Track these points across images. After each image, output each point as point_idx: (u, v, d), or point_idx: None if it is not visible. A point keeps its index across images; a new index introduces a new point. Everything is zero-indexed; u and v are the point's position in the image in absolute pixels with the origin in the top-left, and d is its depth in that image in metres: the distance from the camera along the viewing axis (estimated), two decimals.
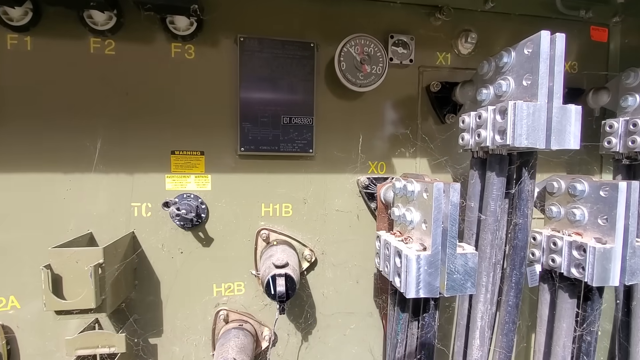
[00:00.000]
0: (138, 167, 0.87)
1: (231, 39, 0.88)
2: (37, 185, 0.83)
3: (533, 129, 0.63)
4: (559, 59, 0.63)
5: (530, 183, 0.72)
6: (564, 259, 0.74)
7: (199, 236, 0.91)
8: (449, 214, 0.63)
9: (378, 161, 0.98)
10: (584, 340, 0.79)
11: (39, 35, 0.81)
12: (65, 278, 0.71)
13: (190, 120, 0.88)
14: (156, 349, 0.92)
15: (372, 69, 0.89)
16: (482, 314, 0.74)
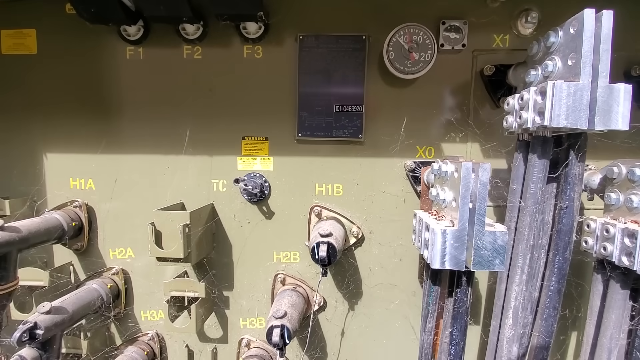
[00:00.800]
0: (216, 150, 1.06)
1: (292, 37, 1.00)
2: (144, 164, 1.07)
3: (574, 109, 0.62)
4: (605, 37, 0.61)
5: (578, 166, 0.70)
6: (616, 247, 0.71)
7: (263, 210, 1.08)
8: (478, 193, 0.66)
9: (427, 146, 1.02)
10: (638, 336, 0.74)
11: (148, 46, 1.04)
12: (164, 234, 0.93)
13: (258, 111, 1.04)
14: (228, 300, 1.12)
15: (421, 56, 0.93)
16: (516, 294, 0.75)
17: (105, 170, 1.09)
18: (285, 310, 0.89)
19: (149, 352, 1.13)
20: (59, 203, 1.10)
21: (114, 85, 1.06)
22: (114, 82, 1.06)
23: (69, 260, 1.14)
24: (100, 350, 1.12)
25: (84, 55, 1.06)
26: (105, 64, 1.06)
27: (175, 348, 1.15)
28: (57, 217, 1.05)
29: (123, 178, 1.09)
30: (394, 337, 1.10)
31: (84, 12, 0.91)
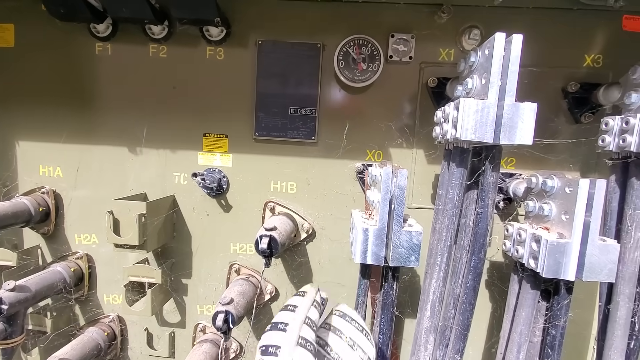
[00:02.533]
0: (178, 145, 1.12)
1: (252, 42, 1.06)
2: (110, 155, 1.13)
3: (481, 124, 0.68)
4: (514, 59, 0.67)
5: (492, 175, 0.76)
6: (526, 250, 0.77)
7: (221, 203, 1.14)
8: (397, 195, 0.73)
9: (375, 150, 1.08)
10: (549, 333, 0.81)
11: (117, 43, 1.09)
12: (122, 222, 0.98)
13: (218, 109, 1.10)
14: (187, 287, 1.18)
15: (369, 67, 0.99)
16: (434, 289, 0.81)
17: (73, 159, 1.14)
18: (231, 297, 0.95)
19: (109, 333, 1.19)
20: (28, 189, 1.16)
21: (83, 79, 1.12)
22: (83, 76, 1.12)
23: (37, 243, 1.20)
24: (64, 329, 1.18)
25: (57, 49, 1.11)
26: (76, 58, 1.11)
27: (135, 331, 1.22)
28: (25, 202, 1.10)
29: (90, 167, 1.14)
30: None
31: (53, 10, 0.97)
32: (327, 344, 0.65)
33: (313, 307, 0.65)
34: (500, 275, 1.08)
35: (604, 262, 0.71)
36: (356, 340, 0.66)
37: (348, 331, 0.66)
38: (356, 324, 0.68)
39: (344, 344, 0.65)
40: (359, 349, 0.64)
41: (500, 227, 1.05)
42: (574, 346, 1.13)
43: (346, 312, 0.70)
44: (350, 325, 0.67)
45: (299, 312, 0.62)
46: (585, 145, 1.02)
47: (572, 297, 0.78)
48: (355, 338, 0.66)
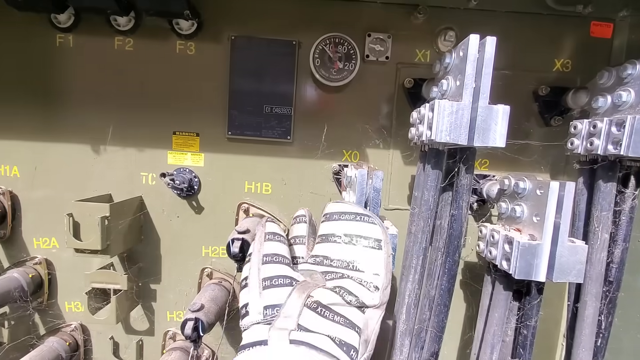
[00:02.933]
0: (146, 143, 1.06)
1: (225, 37, 1.02)
2: (72, 154, 1.06)
3: (455, 126, 0.68)
4: (487, 62, 0.67)
5: (465, 177, 0.76)
6: (499, 252, 0.78)
7: (192, 205, 1.09)
8: (372, 198, 0.71)
9: (352, 150, 1.07)
10: (521, 333, 0.82)
11: (79, 34, 1.02)
12: (82, 225, 0.92)
13: (189, 106, 1.05)
14: (155, 293, 1.13)
15: (345, 66, 0.98)
16: (409, 292, 0.81)
17: (31, 158, 1.06)
18: (202, 304, 0.91)
19: (71, 343, 1.12)
20: None
21: (43, 73, 1.04)
22: (43, 70, 1.04)
23: None
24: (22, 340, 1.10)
25: (15, 41, 1.02)
26: (36, 50, 1.03)
27: (100, 340, 1.15)
28: None
29: (49, 167, 1.07)
30: None
31: (11, 0, 0.89)
32: (325, 257, 0.56)
33: (267, 241, 0.58)
34: (473, 275, 1.09)
35: (573, 262, 0.72)
36: (353, 233, 0.56)
37: (341, 229, 0.57)
38: (347, 216, 0.58)
39: (341, 245, 0.56)
40: (359, 240, 0.56)
41: (475, 228, 1.06)
42: (544, 343, 1.16)
43: (332, 210, 0.60)
44: (341, 221, 0.58)
45: (253, 258, 0.56)
46: (554, 148, 1.05)
47: (542, 297, 0.80)
48: (351, 230, 0.57)
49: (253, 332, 0.47)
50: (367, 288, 0.53)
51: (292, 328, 0.45)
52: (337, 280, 0.54)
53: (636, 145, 0.72)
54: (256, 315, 0.49)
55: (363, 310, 0.50)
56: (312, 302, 0.49)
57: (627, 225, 0.82)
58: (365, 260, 0.55)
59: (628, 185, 0.80)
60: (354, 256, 0.56)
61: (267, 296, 0.50)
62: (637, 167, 0.80)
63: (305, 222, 0.64)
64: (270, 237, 0.59)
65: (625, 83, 0.80)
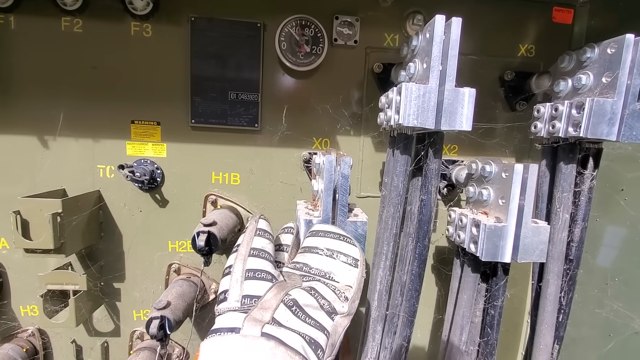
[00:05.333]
0: (102, 134, 0.99)
1: (184, 18, 0.96)
2: (18, 146, 0.97)
3: (423, 110, 0.67)
4: (453, 43, 0.66)
5: (434, 162, 0.76)
6: (467, 235, 0.79)
7: (156, 198, 1.03)
8: (340, 185, 0.69)
9: (322, 137, 1.05)
10: (488, 313, 0.84)
11: (21, 14, 0.93)
12: (32, 223, 0.85)
13: (148, 93, 0.98)
14: (120, 292, 1.07)
15: (312, 49, 0.94)
16: (381, 278, 0.80)
17: None
18: (168, 301, 0.87)
19: (28, 349, 1.05)
20: None
21: None
22: None
23: None
24: None
25: None
26: None
27: (60, 344, 1.08)
28: None
29: None
30: None
31: None
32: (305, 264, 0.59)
33: (257, 236, 0.59)
34: (443, 259, 1.11)
35: (536, 243, 0.74)
36: (334, 248, 0.60)
37: (323, 244, 0.61)
38: (331, 235, 0.62)
39: (322, 257, 0.60)
40: (339, 255, 0.59)
41: (445, 213, 1.07)
42: (511, 321, 1.20)
43: (318, 229, 0.64)
44: (325, 238, 0.62)
45: (240, 249, 0.56)
46: (520, 132, 1.07)
47: (509, 277, 0.82)
48: (333, 246, 0.61)
49: (227, 318, 0.47)
50: (338, 297, 0.55)
51: (266, 321, 0.46)
52: (313, 282, 0.56)
53: (594, 127, 0.74)
54: (234, 302, 0.49)
55: (332, 317, 0.51)
56: (289, 300, 0.50)
57: (585, 205, 0.85)
58: (342, 273, 0.58)
59: (587, 166, 0.83)
60: (332, 268, 0.59)
61: (248, 286, 0.51)
62: (595, 148, 0.82)
63: (292, 233, 0.67)
64: (260, 234, 0.60)
65: (584, 67, 0.82)
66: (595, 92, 0.79)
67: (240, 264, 0.53)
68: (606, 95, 0.76)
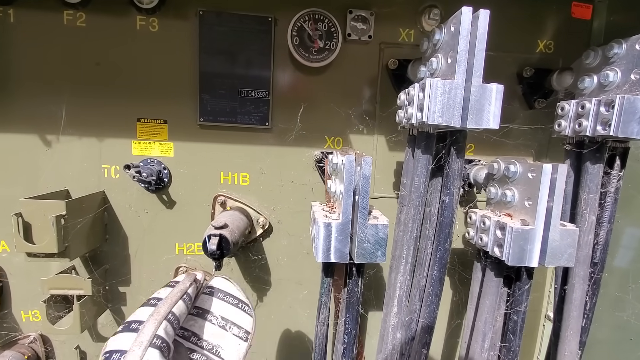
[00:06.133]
0: (107, 133, 0.95)
1: (192, 12, 0.92)
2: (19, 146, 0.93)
3: (448, 107, 0.64)
4: (481, 37, 0.63)
5: (457, 162, 0.73)
6: (490, 238, 0.76)
7: (163, 199, 1.00)
8: (361, 186, 0.66)
9: (335, 136, 1.01)
10: (511, 319, 0.81)
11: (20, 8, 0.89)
12: (34, 226, 0.82)
13: (155, 90, 0.95)
14: (125, 296, 1.03)
15: (326, 45, 0.91)
16: (400, 283, 0.77)
17: None
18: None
19: (30, 355, 1.01)
20: None
21: None
22: None
23: None
24: None
25: None
26: None
27: (64, 351, 1.05)
28: None
29: None
30: (303, 326, 1.10)
31: None
32: (194, 334, 0.56)
33: (182, 301, 0.54)
34: (461, 261, 1.08)
35: (565, 246, 0.70)
36: (229, 318, 0.59)
37: (219, 310, 0.59)
38: (229, 298, 0.61)
39: (215, 327, 0.58)
40: (232, 327, 0.58)
41: (461, 214, 1.04)
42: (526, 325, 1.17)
43: (217, 286, 0.62)
44: (223, 302, 0.60)
45: (161, 306, 0.50)
46: (538, 131, 1.04)
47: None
48: (228, 315, 0.59)
49: None
50: None
51: None
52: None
53: (625, 125, 0.71)
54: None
55: None
56: None
57: (612, 206, 0.81)
58: (230, 348, 0.58)
59: (613, 166, 0.80)
60: (221, 342, 0.58)
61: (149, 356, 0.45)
62: (622, 148, 0.79)
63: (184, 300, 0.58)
64: (185, 300, 0.55)
65: (611, 63, 0.79)
66: (624, 89, 0.76)
67: (153, 327, 0.47)
68: (636, 93, 0.73)
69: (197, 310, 0.59)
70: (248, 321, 0.59)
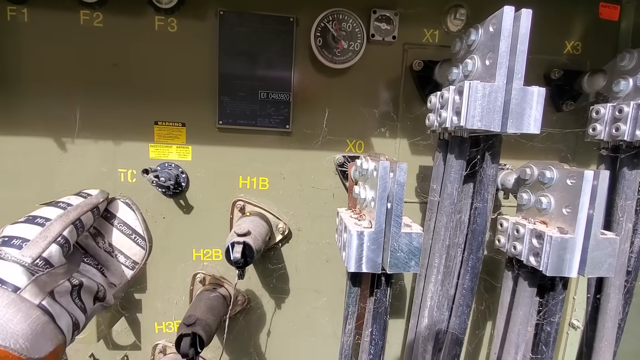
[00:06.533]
0: (123, 136, 0.93)
1: (212, 12, 0.89)
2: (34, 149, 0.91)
3: (488, 110, 0.61)
4: (523, 38, 0.60)
5: (492, 167, 0.70)
6: (525, 247, 0.73)
7: (180, 204, 0.97)
8: (395, 193, 0.63)
9: (356, 140, 0.98)
10: (543, 330, 0.78)
11: (35, 7, 0.87)
12: None
13: (172, 92, 0.92)
14: (141, 303, 1.01)
15: (350, 45, 0.88)
16: (432, 294, 0.75)
17: None
18: (197, 317, 0.81)
19: None
20: None
21: None
22: None
23: None
24: None
25: None
26: None
27: (77, 358, 1.02)
28: None
29: (6, 165, 0.91)
30: (321, 334, 1.07)
31: None
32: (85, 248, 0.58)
33: (91, 212, 0.55)
34: (487, 269, 1.05)
35: (604, 256, 0.67)
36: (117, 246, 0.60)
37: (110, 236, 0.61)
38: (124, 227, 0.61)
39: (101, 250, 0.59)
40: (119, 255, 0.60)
41: None
42: None
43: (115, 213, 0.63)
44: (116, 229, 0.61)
45: (72, 211, 0.51)
46: (565, 134, 1.01)
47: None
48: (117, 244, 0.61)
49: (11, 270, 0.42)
50: None
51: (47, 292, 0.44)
52: None
53: None
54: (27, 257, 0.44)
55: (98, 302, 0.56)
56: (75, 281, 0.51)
57: None
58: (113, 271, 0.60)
59: None
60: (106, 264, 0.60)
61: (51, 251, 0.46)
62: None
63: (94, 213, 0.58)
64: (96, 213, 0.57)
65: None
66: None
67: (60, 226, 0.48)
68: None
69: (93, 230, 0.60)
70: (139, 253, 0.60)
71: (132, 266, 0.59)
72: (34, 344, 0.39)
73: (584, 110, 1.01)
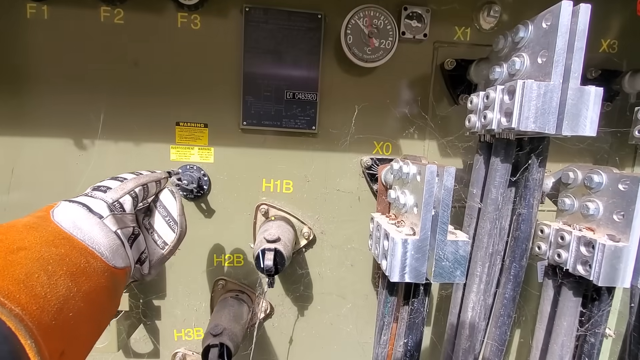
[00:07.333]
0: (144, 137, 0.89)
1: (237, 8, 0.86)
2: (52, 150, 0.88)
3: (543, 111, 0.57)
4: (581, 34, 0.56)
5: (539, 172, 0.67)
6: (571, 255, 0.69)
7: (201, 207, 0.94)
8: (442, 199, 0.60)
9: (384, 141, 0.95)
10: (587, 342, 0.74)
11: (55, 4, 0.83)
12: None
13: (195, 92, 0.89)
14: (160, 310, 0.97)
15: (381, 43, 0.85)
16: (473, 304, 0.71)
17: (4, 156, 0.87)
18: (224, 327, 0.78)
19: None
20: None
21: (11, 51, 0.84)
22: (10, 47, 0.84)
23: None
24: None
25: None
26: (1, 24, 0.83)
27: None
28: None
29: (25, 166, 0.88)
30: (345, 342, 1.04)
31: None
32: None
33: (155, 183, 0.64)
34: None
35: None
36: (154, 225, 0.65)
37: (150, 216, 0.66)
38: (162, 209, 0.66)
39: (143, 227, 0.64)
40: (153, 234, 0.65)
41: None
42: None
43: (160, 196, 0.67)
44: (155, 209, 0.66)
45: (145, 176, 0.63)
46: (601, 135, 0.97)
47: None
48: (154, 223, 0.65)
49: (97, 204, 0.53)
50: None
51: None
52: None
53: None
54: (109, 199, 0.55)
55: None
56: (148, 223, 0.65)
57: None
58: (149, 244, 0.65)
59: None
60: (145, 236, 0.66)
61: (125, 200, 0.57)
62: None
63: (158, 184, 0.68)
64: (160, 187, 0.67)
65: None
66: None
67: (133, 184, 0.59)
68: None
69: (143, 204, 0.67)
70: (169, 235, 0.65)
71: (162, 246, 0.65)
72: (112, 256, 0.50)
73: (619, 110, 0.97)
